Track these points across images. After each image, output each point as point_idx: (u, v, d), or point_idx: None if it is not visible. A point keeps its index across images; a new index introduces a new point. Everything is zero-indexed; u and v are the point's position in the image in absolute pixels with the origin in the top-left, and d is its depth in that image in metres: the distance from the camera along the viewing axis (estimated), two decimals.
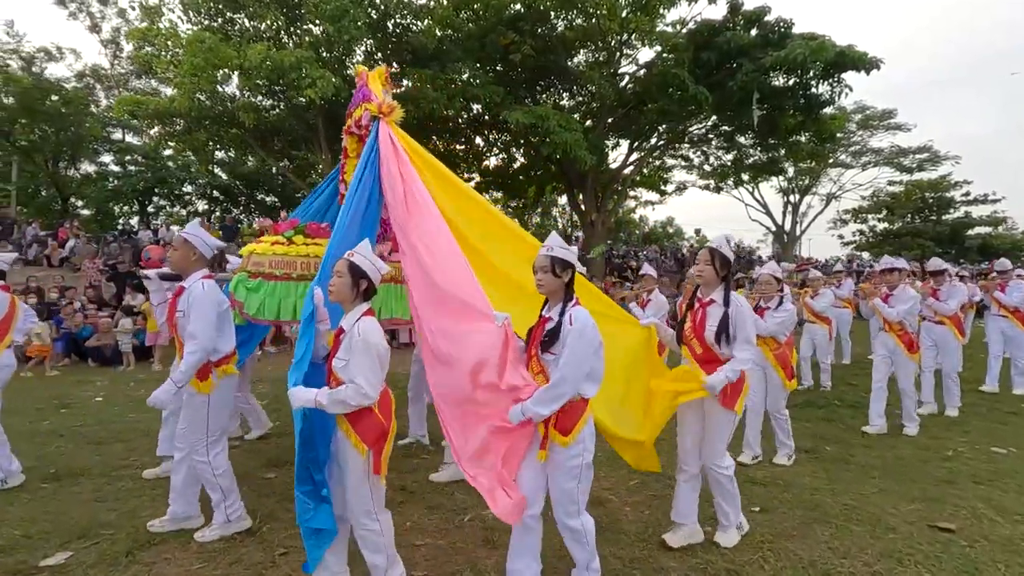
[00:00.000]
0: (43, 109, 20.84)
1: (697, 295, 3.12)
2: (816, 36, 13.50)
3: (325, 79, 10.57)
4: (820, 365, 7.39)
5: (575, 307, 2.45)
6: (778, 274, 4.72)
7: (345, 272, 2.42)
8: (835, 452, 4.73)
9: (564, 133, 12.59)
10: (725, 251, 3.07)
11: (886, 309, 5.19)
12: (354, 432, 2.35)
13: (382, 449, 2.40)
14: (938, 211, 28.77)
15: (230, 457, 3.28)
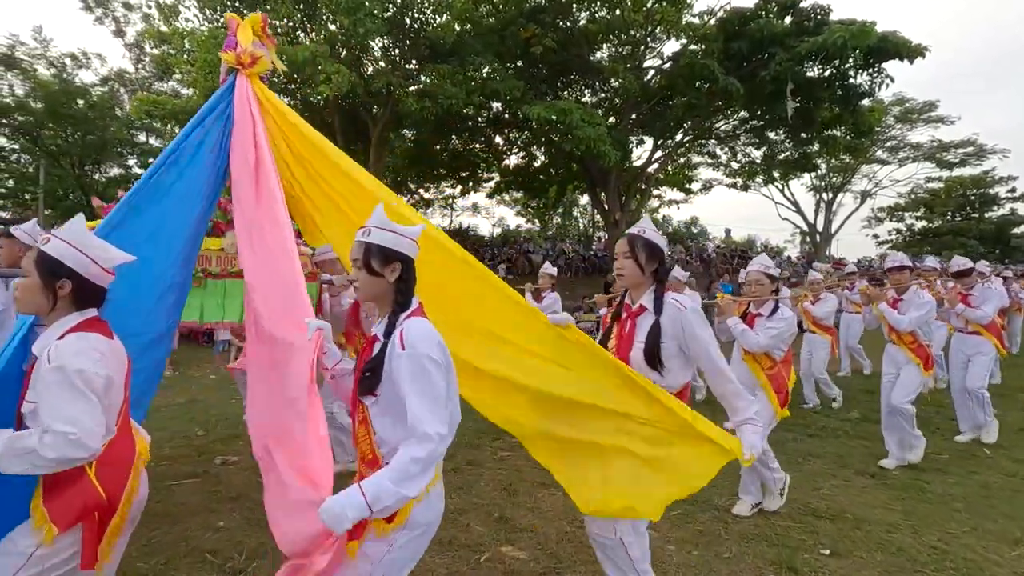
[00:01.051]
0: (69, 113, 21.15)
1: (625, 300, 2.31)
2: (855, 21, 12.70)
3: (341, 74, 10.24)
4: (817, 379, 6.32)
5: (409, 319, 1.59)
6: (772, 271, 3.61)
7: (32, 270, 1.62)
8: (906, 478, 4.12)
9: (587, 128, 12.06)
10: (651, 237, 2.19)
11: (893, 316, 4.27)
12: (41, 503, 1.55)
13: (102, 530, 1.61)
14: (981, 208, 27.32)
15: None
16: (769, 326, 3.44)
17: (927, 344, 4.29)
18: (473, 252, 14.42)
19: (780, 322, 3.43)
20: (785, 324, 3.44)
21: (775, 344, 3.42)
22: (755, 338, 3.43)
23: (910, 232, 29.80)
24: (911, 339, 4.25)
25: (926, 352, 4.26)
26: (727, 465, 4.07)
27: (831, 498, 3.72)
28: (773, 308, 3.53)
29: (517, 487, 3.96)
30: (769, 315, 3.50)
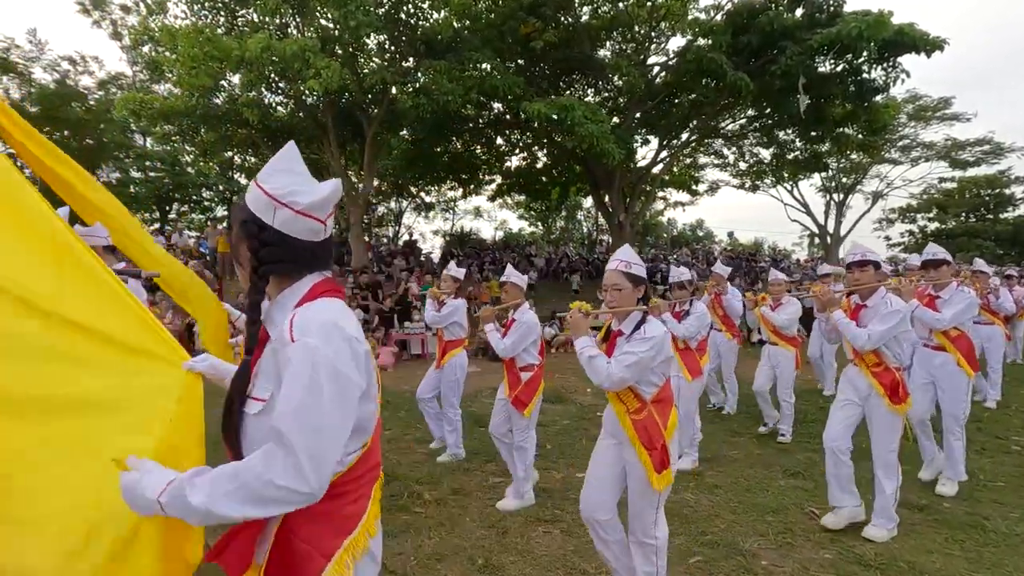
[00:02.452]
0: (65, 116, 20.88)
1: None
2: (870, 13, 12.14)
3: (330, 69, 9.77)
4: (781, 404, 5.25)
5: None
6: (635, 270, 3.16)
7: None
8: (960, 512, 3.54)
9: (590, 125, 11.53)
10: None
11: (850, 329, 3.16)
12: None
13: None
14: (996, 209, 26.58)
15: None
16: (628, 350, 2.25)
17: (898, 367, 3.14)
18: (475, 256, 13.81)
19: (643, 344, 2.25)
20: (649, 346, 2.24)
21: (633, 376, 2.26)
22: (605, 370, 2.27)
23: (923, 234, 29.07)
24: (874, 360, 3.13)
25: (893, 378, 3.09)
26: (750, 503, 3.47)
27: (877, 543, 3.15)
28: (637, 324, 2.34)
29: (508, 523, 3.42)
30: (630, 334, 2.32)
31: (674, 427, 2.35)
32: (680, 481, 4.07)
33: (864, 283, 3.17)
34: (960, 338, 3.83)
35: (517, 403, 3.63)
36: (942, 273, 3.80)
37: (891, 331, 3.06)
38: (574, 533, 3.28)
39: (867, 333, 3.08)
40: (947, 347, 3.83)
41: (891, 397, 3.08)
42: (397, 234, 27.59)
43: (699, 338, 4.41)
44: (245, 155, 21.48)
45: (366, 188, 14.52)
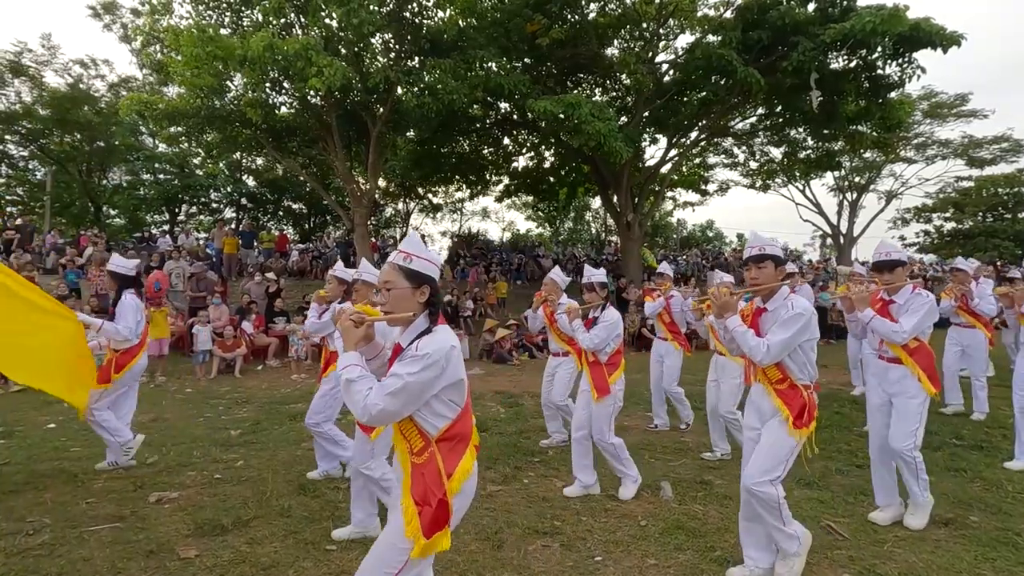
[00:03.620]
0: (75, 119, 21.05)
1: None
2: (884, 7, 11.83)
3: (333, 67, 9.65)
4: (671, 394, 5.53)
5: None
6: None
7: None
8: (989, 525, 3.30)
9: (597, 123, 11.33)
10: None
11: (746, 338, 2.60)
12: None
13: None
14: (1015, 208, 25.95)
15: None
16: (395, 372, 2.02)
17: (806, 384, 2.61)
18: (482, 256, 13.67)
19: (414, 364, 2.05)
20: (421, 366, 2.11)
21: (399, 407, 2.40)
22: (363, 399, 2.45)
23: (939, 234, 28.50)
24: (777, 375, 2.62)
25: (800, 398, 2.57)
26: None
27: (901, 558, 2.92)
28: (418, 334, 2.31)
29: (504, 535, 3.23)
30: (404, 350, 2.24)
31: (464, 474, 1.80)
32: (688, 491, 3.87)
33: (762, 285, 2.63)
34: (920, 350, 3.23)
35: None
36: (897, 276, 3.26)
37: (793, 340, 2.51)
38: (574, 547, 3.09)
39: (765, 344, 2.53)
40: (904, 360, 3.23)
41: (795, 420, 2.55)
42: (405, 235, 27.51)
43: (609, 351, 3.75)
44: (251, 156, 21.56)
45: (371, 189, 14.41)
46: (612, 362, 3.77)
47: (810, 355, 2.62)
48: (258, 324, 10.23)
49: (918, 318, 3.17)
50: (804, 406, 2.58)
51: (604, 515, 3.50)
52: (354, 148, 15.36)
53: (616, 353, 3.79)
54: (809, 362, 2.62)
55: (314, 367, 9.22)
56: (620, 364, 3.80)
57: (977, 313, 5.84)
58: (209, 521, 3.31)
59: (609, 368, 3.74)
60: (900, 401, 3.25)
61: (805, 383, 2.63)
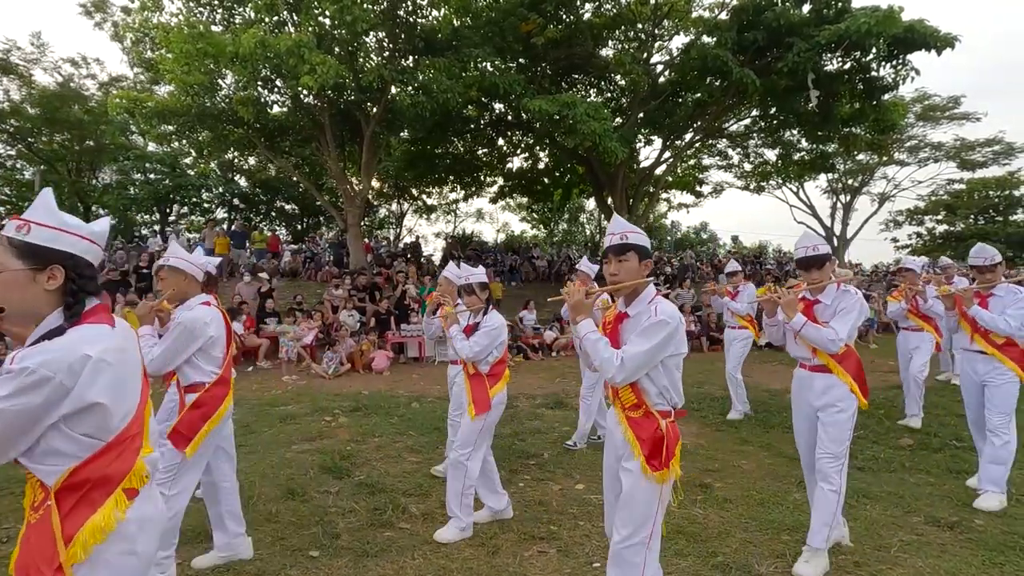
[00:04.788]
0: (64, 118, 20.80)
1: None
2: (879, 8, 11.86)
3: (326, 65, 9.54)
4: None
5: None
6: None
7: None
8: (995, 528, 3.23)
9: (592, 123, 11.28)
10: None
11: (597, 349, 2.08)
12: None
13: None
14: (1006, 211, 26.16)
15: None
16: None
17: (665, 412, 2.08)
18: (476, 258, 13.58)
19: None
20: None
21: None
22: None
23: (931, 236, 28.69)
24: (631, 399, 2.09)
25: (655, 429, 2.03)
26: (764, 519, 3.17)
27: (908, 564, 2.85)
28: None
29: (500, 541, 3.13)
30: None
31: (99, 533, 1.23)
32: (687, 495, 3.78)
33: (622, 281, 2.12)
34: (848, 356, 2.85)
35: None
36: (825, 273, 2.92)
37: (653, 353, 1.99)
38: (571, 553, 2.99)
39: (619, 357, 2.00)
40: (832, 368, 2.85)
41: (649, 460, 2.00)
42: (398, 236, 27.39)
43: (492, 360, 3.35)
44: (243, 156, 21.35)
45: (364, 189, 14.29)
46: (494, 373, 3.34)
47: (674, 375, 2.10)
48: (249, 325, 10.06)
49: (851, 320, 2.78)
50: (660, 441, 2.01)
51: (601, 520, 3.39)
52: (347, 148, 15.24)
53: (499, 363, 3.38)
54: (672, 384, 2.09)
55: (305, 369, 9.09)
56: (503, 375, 3.39)
57: (928, 316, 5.48)
58: (192, 528, 3.18)
59: (490, 380, 3.31)
60: (827, 415, 2.83)
61: (663, 409, 2.08)
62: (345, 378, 8.69)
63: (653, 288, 2.17)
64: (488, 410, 3.25)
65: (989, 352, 3.67)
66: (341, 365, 8.97)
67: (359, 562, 2.88)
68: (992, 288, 3.74)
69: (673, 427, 2.08)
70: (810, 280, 2.92)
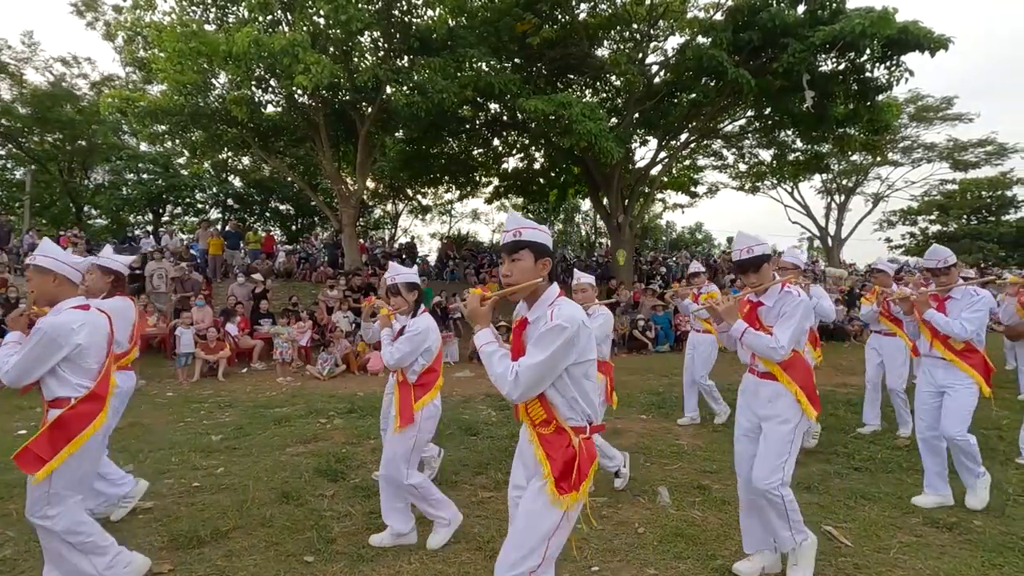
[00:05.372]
0: (56, 117, 20.62)
1: None
2: (873, 9, 11.89)
3: (320, 64, 9.47)
4: None
5: None
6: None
7: None
8: (995, 532, 3.22)
9: (587, 123, 11.25)
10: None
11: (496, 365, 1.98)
12: None
13: None
14: (998, 211, 26.36)
15: None
16: None
17: (579, 427, 1.89)
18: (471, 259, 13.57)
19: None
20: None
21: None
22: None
23: (924, 236, 28.86)
24: (541, 414, 1.90)
25: (568, 447, 1.86)
26: None
27: (908, 565, 2.83)
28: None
29: (497, 545, 3.07)
30: None
31: None
32: (685, 496, 3.76)
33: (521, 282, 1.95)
34: (795, 363, 2.61)
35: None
36: (764, 274, 2.67)
37: (551, 363, 1.77)
38: (570, 556, 2.96)
39: (513, 370, 1.80)
40: (778, 376, 2.62)
41: (558, 482, 1.81)
42: (394, 237, 27.32)
43: (418, 368, 3.13)
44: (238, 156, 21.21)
45: (359, 189, 14.22)
46: (422, 383, 3.10)
47: (583, 385, 1.86)
48: (243, 326, 9.99)
49: (794, 325, 2.54)
50: (572, 460, 1.81)
51: (600, 522, 3.37)
52: (342, 148, 15.17)
53: (428, 371, 3.14)
54: (582, 395, 1.87)
55: (300, 370, 9.03)
56: (433, 385, 3.15)
57: (900, 319, 4.96)
58: (185, 533, 3.13)
59: (418, 391, 3.08)
60: (770, 426, 2.62)
61: (577, 425, 1.87)
62: (340, 379, 8.63)
63: (556, 289, 1.94)
64: (411, 422, 2.99)
65: (949, 359, 3.50)
66: (336, 366, 8.91)
67: (354, 567, 2.84)
68: (950, 291, 3.57)
69: (588, 445, 1.86)
70: (749, 284, 2.71)
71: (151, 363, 8.86)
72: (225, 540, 3.09)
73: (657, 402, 6.67)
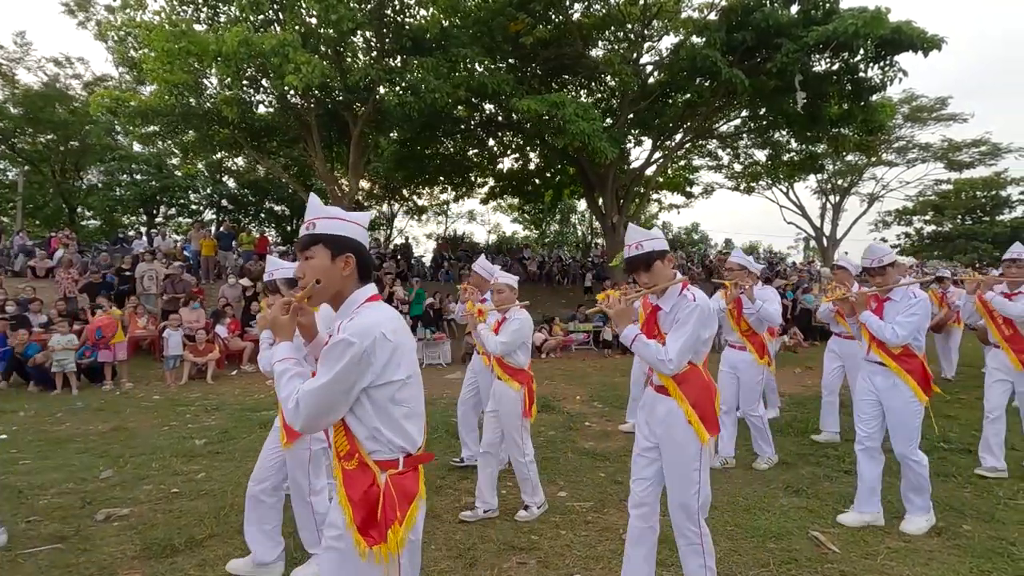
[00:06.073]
0: (48, 118, 20.49)
1: None
2: (866, 9, 11.89)
3: (311, 64, 9.41)
4: None
5: None
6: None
7: None
8: (983, 534, 3.18)
9: (581, 123, 11.22)
10: None
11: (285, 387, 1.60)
12: None
13: None
14: (993, 211, 26.43)
15: None
16: None
17: (387, 462, 1.50)
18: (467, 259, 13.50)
19: None
20: None
21: None
22: None
23: (919, 236, 28.92)
24: (344, 446, 1.52)
25: (371, 490, 1.48)
26: (749, 526, 3.09)
27: (895, 572, 2.78)
28: None
29: (478, 552, 3.03)
30: None
31: None
32: None
33: None
34: (691, 378, 2.26)
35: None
36: (657, 273, 2.31)
37: (335, 387, 1.41)
38: (552, 564, 2.90)
39: (295, 396, 1.45)
40: (671, 391, 2.28)
41: (362, 529, 1.45)
42: (389, 238, 27.25)
43: None
44: (231, 157, 21.12)
45: (352, 189, 14.15)
46: None
47: (390, 411, 1.48)
48: (233, 328, 9.91)
49: (686, 334, 2.18)
50: (375, 503, 1.45)
51: (584, 528, 3.32)
52: (335, 148, 15.10)
53: None
54: (389, 424, 1.48)
55: None
56: None
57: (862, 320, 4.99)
58: (159, 541, 3.06)
59: None
60: (668, 453, 2.28)
61: (385, 459, 1.48)
62: None
63: (366, 291, 1.57)
64: (299, 437, 2.74)
65: (886, 363, 3.23)
66: None
67: None
68: (890, 292, 3.32)
69: (401, 482, 1.48)
70: (642, 284, 2.37)
71: (140, 365, 8.78)
72: (200, 549, 3.02)
73: None
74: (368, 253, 1.67)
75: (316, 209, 1.63)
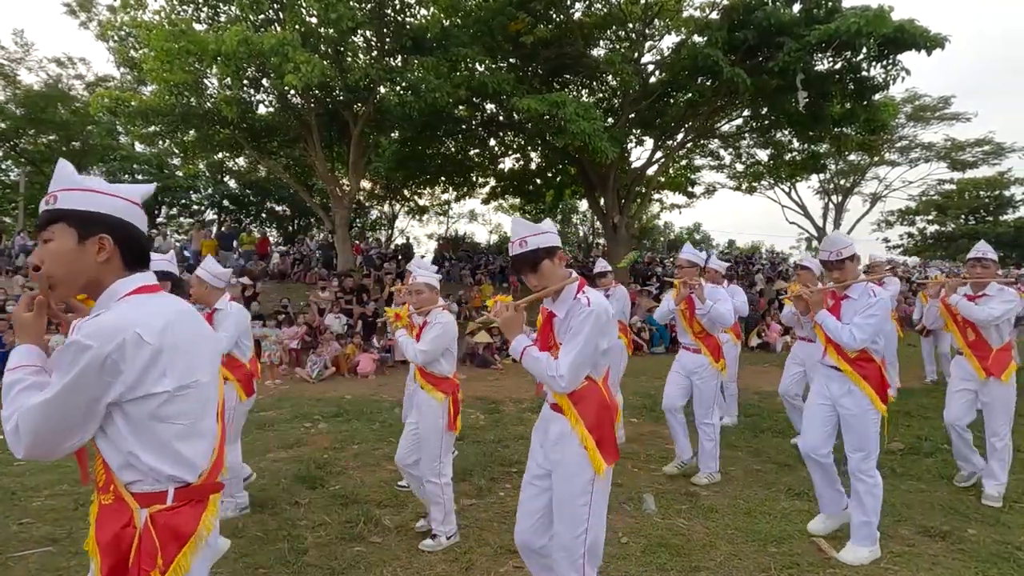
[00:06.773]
0: (50, 118, 20.52)
1: None
2: (869, 8, 11.82)
3: (311, 63, 9.38)
4: None
5: None
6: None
7: None
8: (987, 538, 3.12)
9: (582, 122, 11.16)
10: None
11: None
12: None
13: None
14: (996, 211, 26.30)
15: None
16: None
17: (141, 496, 1.21)
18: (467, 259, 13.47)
19: None
20: None
21: None
22: None
23: (922, 236, 28.80)
24: (101, 476, 1.26)
25: (115, 531, 1.20)
26: (750, 529, 3.04)
27: None
28: None
29: (475, 556, 3.00)
30: None
31: None
32: (672, 504, 3.66)
33: None
34: (588, 396, 1.99)
35: None
36: (545, 274, 2.04)
37: (62, 405, 1.15)
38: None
39: (15, 419, 1.22)
40: (565, 411, 2.00)
41: None
42: (390, 238, 27.24)
43: None
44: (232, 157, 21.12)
45: (352, 189, 14.13)
46: None
47: (155, 431, 1.20)
48: None
49: (579, 346, 1.90)
50: (126, 552, 1.19)
51: None
52: (336, 148, 15.07)
53: None
54: (150, 446, 1.20)
55: (289, 372, 8.92)
56: None
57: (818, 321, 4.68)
58: None
59: None
60: (558, 479, 2.00)
61: (145, 491, 1.21)
62: (329, 382, 8.53)
63: (133, 281, 1.27)
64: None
65: (842, 369, 2.96)
66: (325, 369, 8.81)
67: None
68: (847, 289, 3.01)
69: (170, 521, 1.21)
70: (530, 286, 2.07)
71: None
72: None
73: (648, 404, 6.56)
74: (138, 233, 1.31)
75: (61, 179, 1.26)
